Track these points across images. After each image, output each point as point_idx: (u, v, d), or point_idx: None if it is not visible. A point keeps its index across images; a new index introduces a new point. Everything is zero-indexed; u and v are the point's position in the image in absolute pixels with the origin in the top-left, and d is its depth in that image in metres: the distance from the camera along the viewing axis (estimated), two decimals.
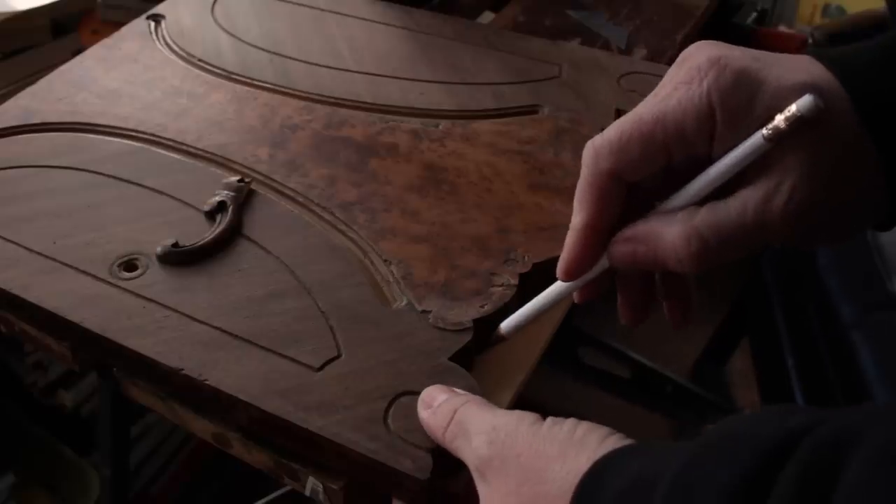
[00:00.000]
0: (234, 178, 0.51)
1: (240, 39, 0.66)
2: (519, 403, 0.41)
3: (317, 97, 0.59)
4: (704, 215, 0.31)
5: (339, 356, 0.41)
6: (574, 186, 0.50)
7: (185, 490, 1.08)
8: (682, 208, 0.32)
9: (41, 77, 0.61)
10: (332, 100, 0.59)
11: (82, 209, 0.50)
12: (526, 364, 0.43)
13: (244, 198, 0.50)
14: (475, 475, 0.32)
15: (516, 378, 0.43)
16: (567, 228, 0.47)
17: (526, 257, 0.46)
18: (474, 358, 0.43)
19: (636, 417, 1.22)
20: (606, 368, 1.21)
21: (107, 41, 0.65)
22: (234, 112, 0.58)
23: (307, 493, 0.41)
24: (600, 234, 0.34)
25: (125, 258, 0.47)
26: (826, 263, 0.90)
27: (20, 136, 0.56)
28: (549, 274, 0.46)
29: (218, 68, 0.62)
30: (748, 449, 0.24)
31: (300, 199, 0.50)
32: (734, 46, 0.32)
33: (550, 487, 0.29)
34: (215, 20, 0.68)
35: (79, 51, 0.66)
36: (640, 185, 0.34)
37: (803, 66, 0.31)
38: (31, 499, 0.95)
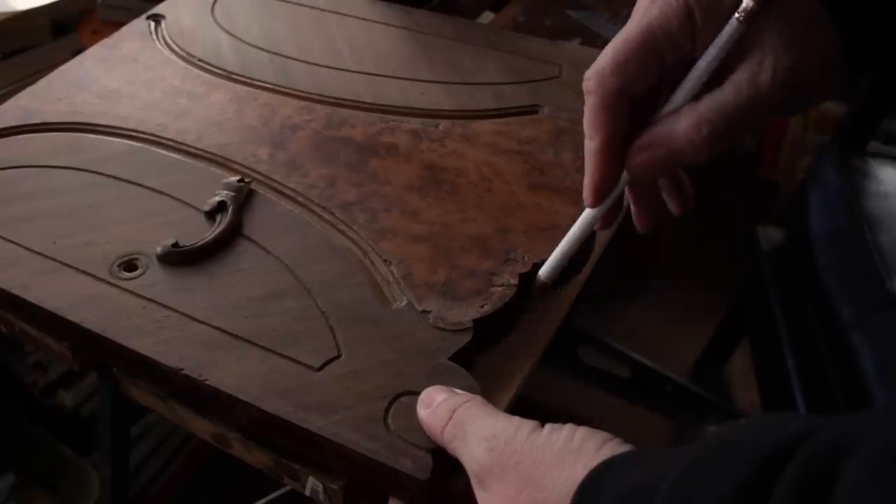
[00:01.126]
0: (234, 178, 0.51)
1: (240, 39, 0.66)
2: (519, 403, 0.41)
3: (317, 97, 0.59)
4: (706, 103, 0.34)
5: (339, 356, 0.41)
6: (573, 186, 0.51)
7: (185, 490, 1.08)
8: (681, 107, 0.35)
9: (41, 77, 0.61)
10: (332, 100, 0.59)
11: (82, 209, 0.50)
12: (526, 364, 0.43)
13: (244, 198, 0.50)
14: (473, 481, 0.32)
15: (516, 378, 0.43)
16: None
17: (526, 257, 0.46)
18: (474, 357, 0.43)
19: (636, 417, 1.22)
20: (606, 368, 1.21)
21: (107, 41, 0.65)
22: (234, 112, 0.58)
23: (307, 493, 0.41)
24: (616, 151, 0.37)
25: (125, 258, 0.47)
26: (826, 263, 0.90)
27: (20, 136, 0.56)
28: None
29: (218, 68, 0.62)
30: (747, 455, 0.24)
31: (300, 199, 0.50)
32: None
33: (549, 495, 0.29)
34: (215, 20, 0.68)
35: (79, 51, 0.66)
36: (639, 105, 0.36)
37: None
38: (31, 499, 0.95)
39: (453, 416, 0.34)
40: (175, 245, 0.47)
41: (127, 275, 0.46)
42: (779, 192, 1.52)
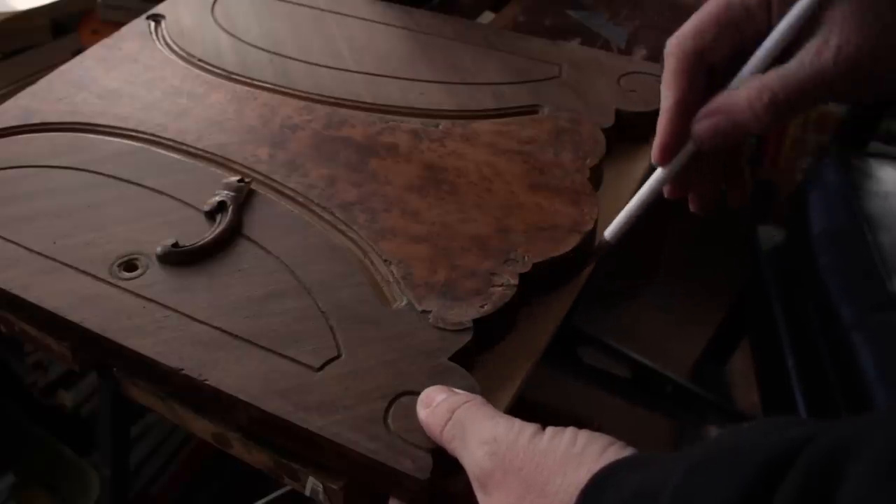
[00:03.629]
0: (234, 178, 0.51)
1: (240, 39, 0.66)
2: (519, 403, 0.41)
3: (317, 97, 0.59)
4: (769, 75, 0.35)
5: (339, 356, 0.41)
6: (573, 186, 0.51)
7: (185, 490, 1.08)
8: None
9: (41, 77, 0.61)
10: (332, 100, 0.59)
11: (82, 209, 0.50)
12: (526, 364, 0.43)
13: (244, 198, 0.50)
14: (475, 484, 0.32)
15: (516, 378, 0.43)
16: (567, 229, 0.47)
17: (526, 257, 0.46)
18: (474, 357, 0.43)
19: (636, 417, 1.22)
20: (606, 368, 1.21)
21: (107, 41, 0.65)
22: (234, 112, 0.58)
23: (307, 493, 0.41)
24: (687, 112, 0.38)
25: (125, 258, 0.47)
26: (826, 263, 0.90)
27: (20, 136, 0.56)
28: (549, 273, 0.46)
29: (218, 68, 0.62)
30: (749, 460, 0.24)
31: (300, 199, 0.50)
32: None
33: (552, 500, 0.29)
34: (215, 20, 0.68)
35: (79, 51, 0.66)
36: (716, 73, 0.38)
37: None
38: (31, 499, 0.95)
39: (453, 416, 0.34)
40: (175, 245, 0.47)
41: (127, 275, 0.46)
42: (779, 192, 1.52)
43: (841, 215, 0.93)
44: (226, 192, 0.50)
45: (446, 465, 0.35)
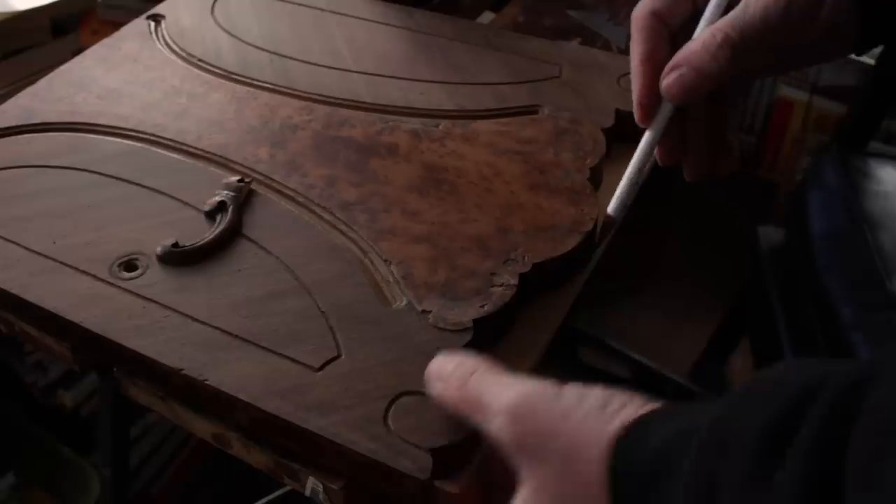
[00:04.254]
0: (234, 178, 0.51)
1: (240, 39, 0.66)
2: None
3: (317, 97, 0.59)
4: (721, 20, 0.39)
5: (339, 356, 0.41)
6: (573, 187, 0.51)
7: (185, 490, 1.08)
8: None
9: (41, 77, 0.61)
10: (332, 100, 0.59)
11: (82, 209, 0.50)
12: (526, 364, 0.43)
13: (244, 198, 0.50)
14: (504, 452, 0.32)
15: None
16: (567, 229, 0.48)
17: (526, 257, 0.46)
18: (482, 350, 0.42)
19: None
20: (606, 368, 1.21)
21: (107, 41, 0.65)
22: (234, 112, 0.58)
23: (307, 493, 0.41)
24: (656, 70, 0.41)
25: (125, 258, 0.47)
26: (826, 263, 0.90)
27: (20, 136, 0.56)
28: (549, 273, 0.46)
29: (218, 68, 0.62)
30: (779, 393, 0.25)
31: (300, 199, 0.50)
32: None
33: (578, 459, 0.29)
34: (215, 20, 0.68)
35: (79, 51, 0.66)
36: (678, 39, 0.41)
37: None
38: (31, 499, 0.95)
39: (466, 387, 0.34)
40: (175, 245, 0.47)
41: (127, 275, 0.46)
42: (779, 192, 1.52)
43: (841, 215, 0.93)
44: (226, 192, 0.50)
45: (446, 465, 0.35)
